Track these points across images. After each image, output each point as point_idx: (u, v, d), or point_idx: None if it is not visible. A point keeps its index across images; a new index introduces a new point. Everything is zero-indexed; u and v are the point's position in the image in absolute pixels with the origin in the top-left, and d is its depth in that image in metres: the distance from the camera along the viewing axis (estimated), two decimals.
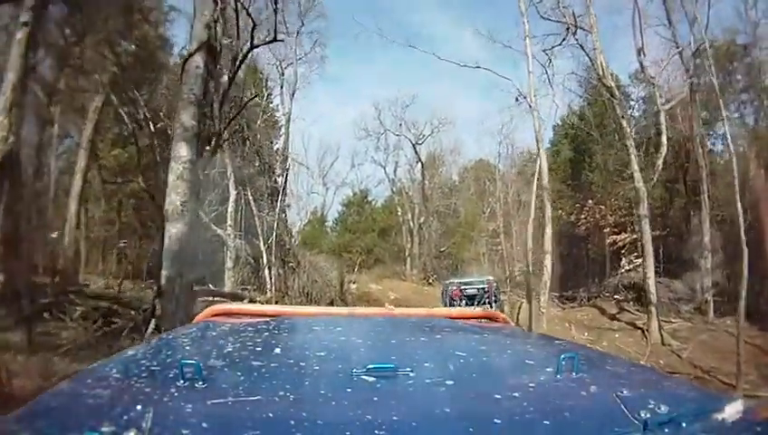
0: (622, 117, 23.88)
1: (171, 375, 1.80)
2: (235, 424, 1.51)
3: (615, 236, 28.88)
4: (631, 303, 26.94)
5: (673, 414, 1.57)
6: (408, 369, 1.88)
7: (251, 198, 25.30)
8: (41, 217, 21.21)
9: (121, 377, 1.88)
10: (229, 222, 23.73)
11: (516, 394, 1.72)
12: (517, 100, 27.13)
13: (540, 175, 25.34)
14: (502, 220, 39.26)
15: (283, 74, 35.01)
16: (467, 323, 3.14)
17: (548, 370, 1.96)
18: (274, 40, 18.60)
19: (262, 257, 25.14)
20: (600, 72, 23.06)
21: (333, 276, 28.12)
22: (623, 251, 29.22)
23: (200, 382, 1.72)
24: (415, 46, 29.05)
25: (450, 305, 24.50)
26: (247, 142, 25.34)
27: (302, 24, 34.27)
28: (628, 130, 23.55)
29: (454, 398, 1.72)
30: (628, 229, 29.44)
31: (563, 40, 25.45)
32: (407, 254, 40.56)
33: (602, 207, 30.23)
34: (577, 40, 23.65)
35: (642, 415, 1.55)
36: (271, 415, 1.57)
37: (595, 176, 32.79)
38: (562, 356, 1.91)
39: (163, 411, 1.54)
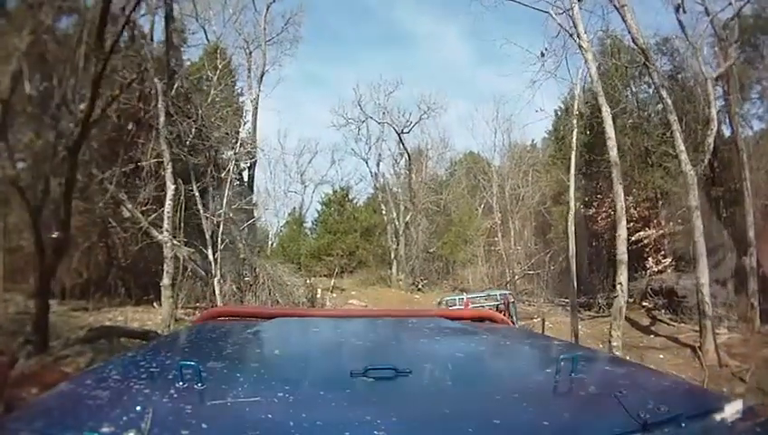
0: (661, 86, 19.34)
1: (170, 376, 1.79)
2: (234, 425, 1.52)
3: (640, 233, 23.52)
4: (663, 311, 21.57)
5: (673, 414, 1.57)
6: (408, 370, 1.84)
7: (197, 194, 20.09)
8: None
9: (121, 378, 1.90)
10: (166, 225, 18.47)
11: (516, 395, 1.76)
12: (543, 55, 21.23)
13: (578, 145, 19.43)
14: (499, 217, 35.62)
15: (250, 55, 32.03)
16: (466, 323, 3.09)
17: (548, 370, 1.96)
18: None
19: (212, 269, 20.05)
20: (633, 33, 18.06)
21: (302, 292, 22.01)
22: (648, 250, 24.38)
23: (199, 383, 1.71)
24: None
25: None
26: (192, 125, 20.19)
27: None
28: (669, 101, 18.72)
29: (453, 398, 1.75)
30: (653, 225, 24.36)
31: None
32: (392, 256, 36.31)
33: (628, 197, 24.84)
34: None
35: (642, 415, 1.53)
36: (270, 416, 1.57)
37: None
38: (562, 357, 1.90)
39: (162, 412, 1.54)
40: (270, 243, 39.67)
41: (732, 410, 1.65)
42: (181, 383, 1.72)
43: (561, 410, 1.69)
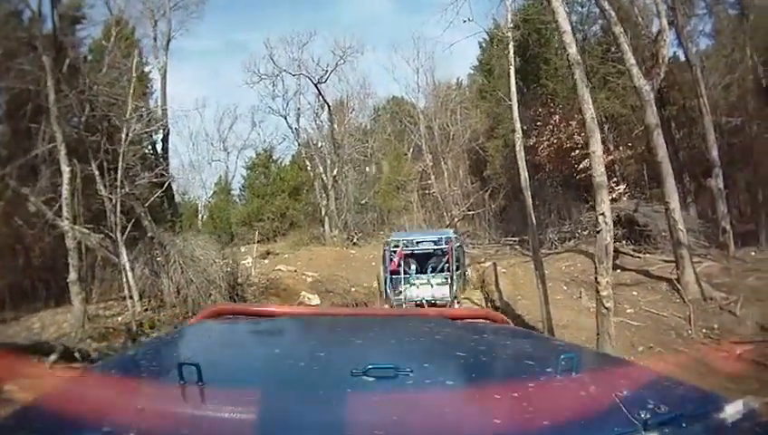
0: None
1: (170, 375, 1.74)
2: (234, 424, 1.50)
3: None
4: (624, 242, 19.30)
5: (673, 414, 1.52)
6: (408, 369, 1.80)
7: (96, 173, 17.35)
8: None
9: (121, 377, 1.89)
10: (65, 213, 15.85)
11: (516, 394, 1.71)
12: None
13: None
14: (430, 158, 34.07)
15: (156, 24, 30.31)
16: (466, 323, 3.04)
17: (548, 370, 1.92)
18: None
19: (122, 255, 17.13)
20: None
21: (218, 267, 18.84)
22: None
23: (199, 383, 1.65)
24: None
25: (395, 273, 17.36)
26: (81, 98, 17.77)
27: None
28: (612, 12, 16.46)
29: (453, 398, 1.74)
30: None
31: None
32: (323, 213, 33.62)
33: (571, 123, 22.52)
34: None
35: (642, 415, 1.49)
36: (270, 415, 1.53)
37: (556, 85, 25.03)
38: (562, 357, 1.84)
39: (162, 411, 1.55)
40: (200, 216, 38.39)
41: (732, 411, 1.54)
42: (181, 383, 1.63)
43: (561, 410, 1.59)
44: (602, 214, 11.64)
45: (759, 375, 9.68)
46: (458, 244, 18.42)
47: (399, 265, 17.27)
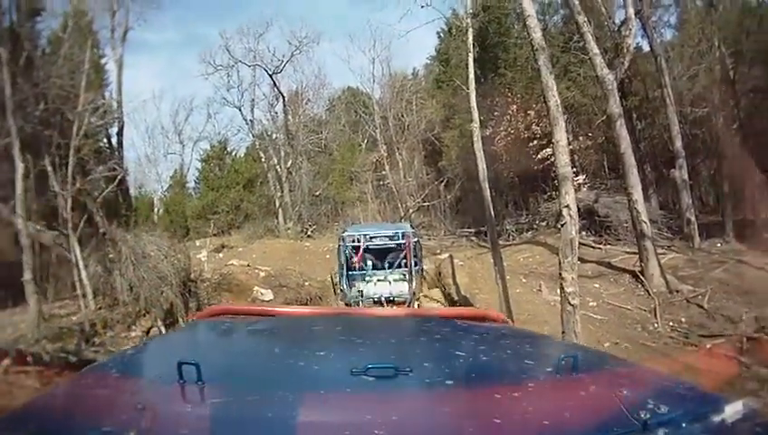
0: None
1: (170, 375, 1.70)
2: (234, 424, 1.47)
3: (546, 150, 20.62)
4: (585, 233, 18.77)
5: (673, 414, 1.52)
6: (408, 369, 1.79)
7: (49, 169, 16.66)
8: None
9: (121, 377, 1.88)
10: (19, 209, 15.30)
11: (516, 394, 1.69)
12: None
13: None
14: (385, 149, 33.37)
15: (113, 15, 29.21)
16: (466, 323, 2.99)
17: (548, 370, 1.96)
18: None
19: (74, 252, 16.34)
20: None
21: (167, 264, 17.77)
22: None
23: (199, 382, 1.65)
24: None
25: (350, 269, 16.19)
26: (35, 90, 17.41)
27: None
28: (577, 2, 15.77)
29: (453, 398, 1.72)
30: None
31: None
32: (277, 205, 33.30)
33: (530, 113, 21.97)
34: None
35: (642, 415, 1.48)
36: (270, 415, 1.53)
37: (515, 74, 24.51)
38: (562, 356, 1.91)
39: (162, 411, 1.53)
40: (156, 210, 37.20)
41: (732, 411, 1.54)
42: (181, 382, 1.64)
43: (561, 410, 1.59)
44: (567, 206, 10.78)
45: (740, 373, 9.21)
46: (416, 238, 17.17)
47: (359, 261, 16.08)
